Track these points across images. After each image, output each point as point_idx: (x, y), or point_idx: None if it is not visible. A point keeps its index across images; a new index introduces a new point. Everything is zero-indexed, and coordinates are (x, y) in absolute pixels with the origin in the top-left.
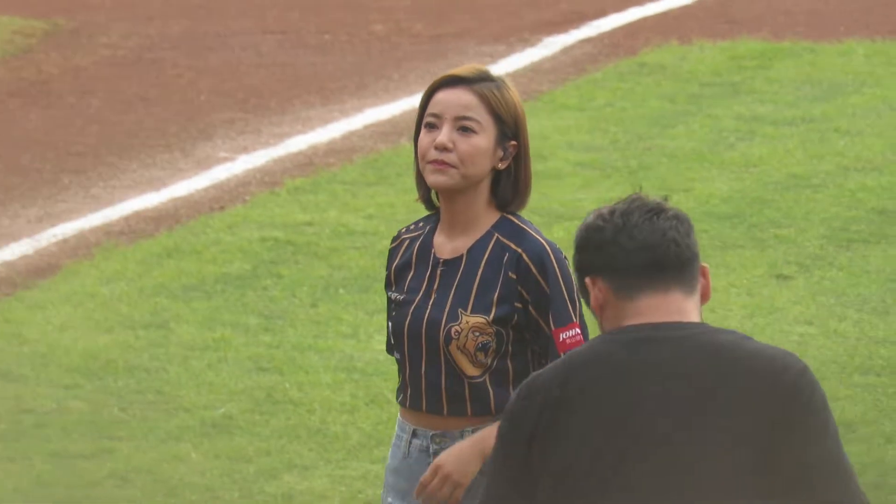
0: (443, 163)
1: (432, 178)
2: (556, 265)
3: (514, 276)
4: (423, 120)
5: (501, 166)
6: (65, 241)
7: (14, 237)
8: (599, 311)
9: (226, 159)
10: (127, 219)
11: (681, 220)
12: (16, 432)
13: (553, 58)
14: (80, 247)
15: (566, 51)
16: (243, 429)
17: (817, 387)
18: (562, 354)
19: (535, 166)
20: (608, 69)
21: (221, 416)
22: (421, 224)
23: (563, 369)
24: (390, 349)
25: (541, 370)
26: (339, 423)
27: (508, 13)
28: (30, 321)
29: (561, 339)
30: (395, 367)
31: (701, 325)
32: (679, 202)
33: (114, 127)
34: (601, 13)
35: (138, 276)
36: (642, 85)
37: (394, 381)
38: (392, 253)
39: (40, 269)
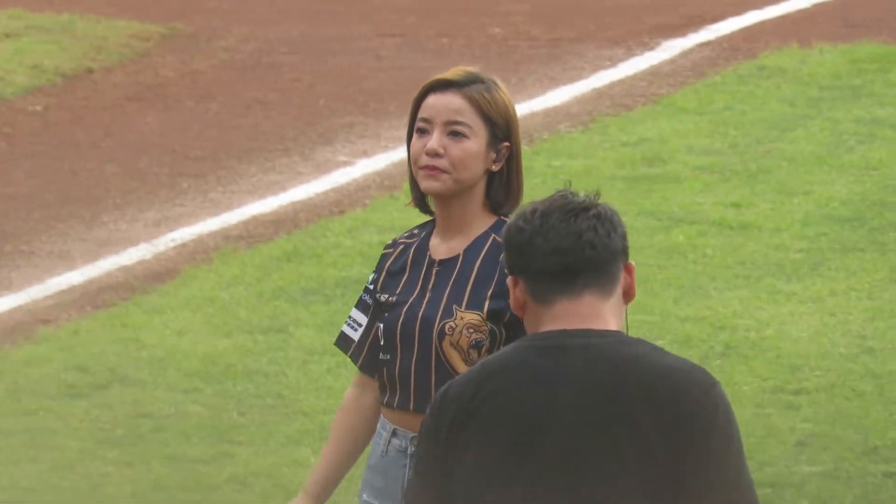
0: (434, 168)
1: (425, 184)
2: None
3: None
4: (415, 125)
5: (495, 168)
6: (183, 245)
7: (132, 242)
8: (520, 313)
9: (345, 163)
10: (246, 223)
11: (602, 218)
12: (134, 437)
13: (672, 61)
14: (199, 251)
15: (685, 54)
16: None
17: (723, 405)
18: None
19: (655, 170)
20: (727, 73)
21: None
22: (416, 231)
23: (476, 377)
24: (362, 361)
25: (456, 377)
26: None
27: (627, 17)
28: (148, 326)
29: None
30: None
31: (612, 333)
32: (799, 205)
33: (232, 131)
34: (720, 17)
35: (257, 280)
36: (762, 88)
37: None
38: (385, 257)
39: (158, 273)
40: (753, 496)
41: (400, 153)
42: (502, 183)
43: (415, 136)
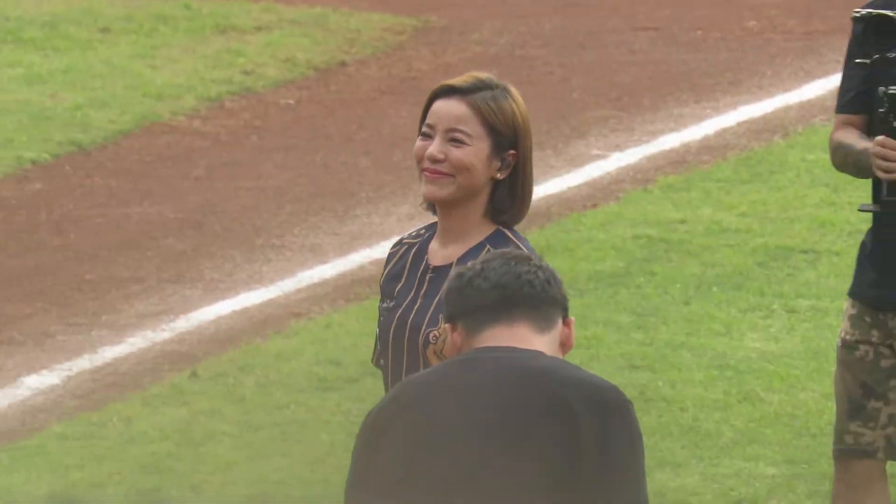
0: (436, 171)
1: (426, 189)
2: None
3: None
4: (421, 128)
5: (500, 176)
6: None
7: (385, 235)
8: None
9: (599, 157)
10: None
11: (543, 269)
12: None
13: None
14: None
15: None
16: None
17: (631, 423)
18: None
19: None
20: None
21: None
22: (423, 231)
23: (396, 392)
24: (376, 359)
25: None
26: (711, 420)
27: None
28: None
29: None
30: (768, 365)
31: (530, 350)
32: None
33: None
34: None
35: None
36: None
37: (767, 379)
38: (390, 258)
39: None
40: None
41: (654, 147)
42: (507, 191)
43: (419, 139)
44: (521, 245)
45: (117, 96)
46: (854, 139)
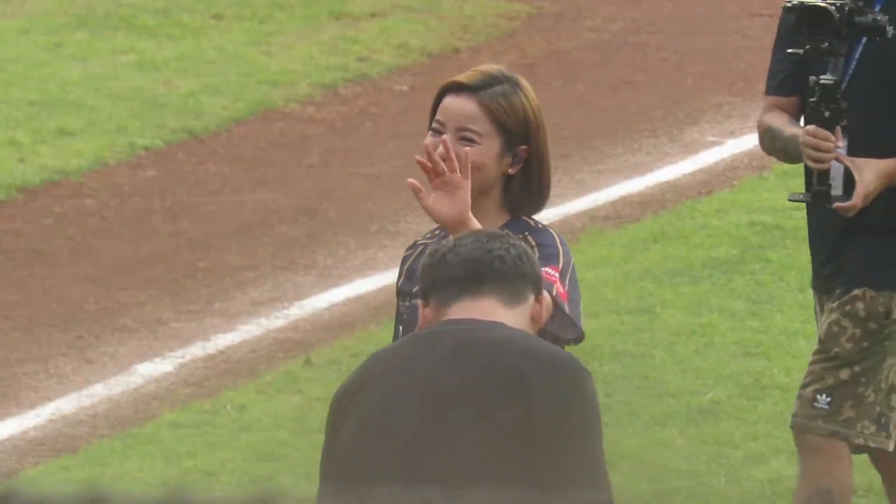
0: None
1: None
2: (560, 249)
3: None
4: (431, 124)
5: (512, 171)
6: (549, 225)
7: None
8: None
9: (713, 143)
10: (613, 203)
11: (515, 247)
12: None
13: None
14: (566, 231)
15: None
16: (730, 414)
17: (586, 391)
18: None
19: None
20: None
21: (708, 401)
22: (437, 231)
23: (362, 366)
24: None
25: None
26: None
27: None
28: None
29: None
30: None
31: (493, 322)
32: None
33: (598, 111)
34: None
35: (624, 260)
36: None
37: None
38: (405, 260)
39: None
40: (604, 482)
41: None
42: (521, 186)
43: (429, 134)
44: (544, 228)
45: (231, 83)
46: (783, 124)
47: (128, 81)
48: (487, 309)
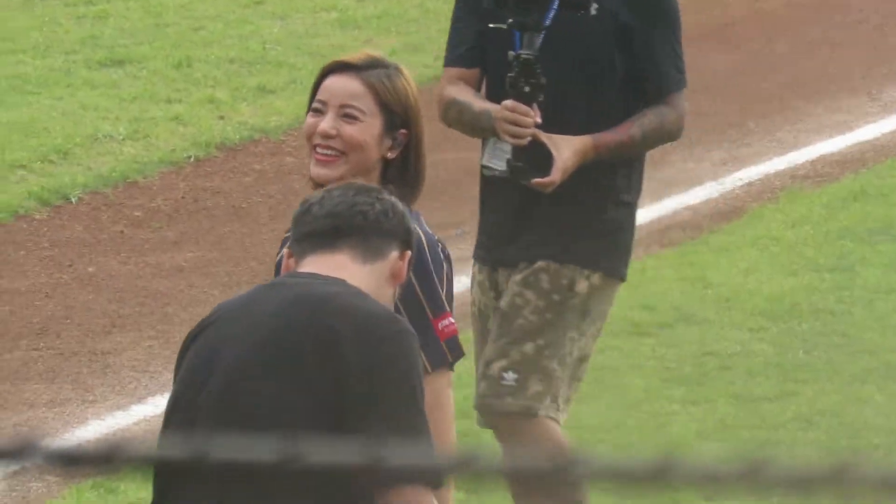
0: (327, 147)
1: (315, 171)
2: (428, 257)
3: None
4: (311, 104)
5: (391, 155)
6: (749, 184)
7: (699, 181)
8: None
9: None
10: (812, 162)
11: (383, 202)
12: (700, 375)
13: None
14: (765, 190)
15: None
16: None
17: (398, 355)
18: (442, 342)
19: None
20: None
21: None
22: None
23: (213, 310)
24: None
25: None
26: None
27: None
28: (714, 264)
29: (439, 327)
30: None
31: (332, 279)
32: None
33: (799, 71)
34: None
35: (823, 219)
36: None
37: None
38: (282, 244)
39: (725, 212)
40: (423, 439)
41: None
42: (399, 171)
43: (309, 115)
44: (414, 219)
45: (432, 40)
46: (470, 97)
47: (328, 39)
48: (339, 264)
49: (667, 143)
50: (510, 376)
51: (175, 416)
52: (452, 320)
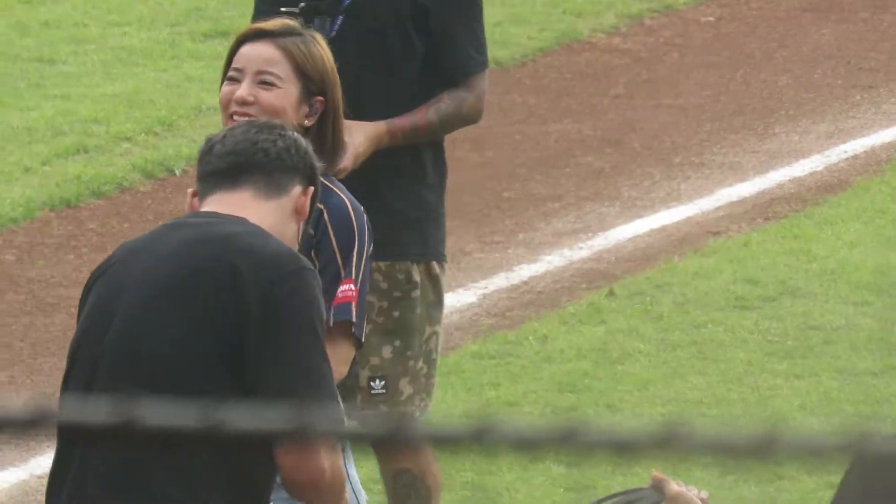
0: (245, 115)
1: None
2: (353, 219)
3: (312, 233)
4: (226, 73)
5: (307, 123)
6: (855, 157)
7: (804, 153)
8: None
9: None
10: None
11: (285, 138)
12: (804, 349)
13: None
14: (871, 163)
15: None
16: None
17: (301, 287)
18: (332, 307)
19: None
20: None
21: None
22: None
23: (116, 250)
24: None
25: None
26: None
27: None
28: (819, 238)
29: (338, 292)
30: None
31: (234, 218)
32: None
33: None
34: None
35: None
36: None
37: None
38: None
39: (830, 185)
40: (322, 383)
41: None
42: (316, 139)
43: (225, 84)
44: (334, 188)
45: (537, 13)
46: None
47: None
48: (241, 201)
49: (465, 126)
50: (378, 384)
51: (79, 358)
52: (354, 288)
